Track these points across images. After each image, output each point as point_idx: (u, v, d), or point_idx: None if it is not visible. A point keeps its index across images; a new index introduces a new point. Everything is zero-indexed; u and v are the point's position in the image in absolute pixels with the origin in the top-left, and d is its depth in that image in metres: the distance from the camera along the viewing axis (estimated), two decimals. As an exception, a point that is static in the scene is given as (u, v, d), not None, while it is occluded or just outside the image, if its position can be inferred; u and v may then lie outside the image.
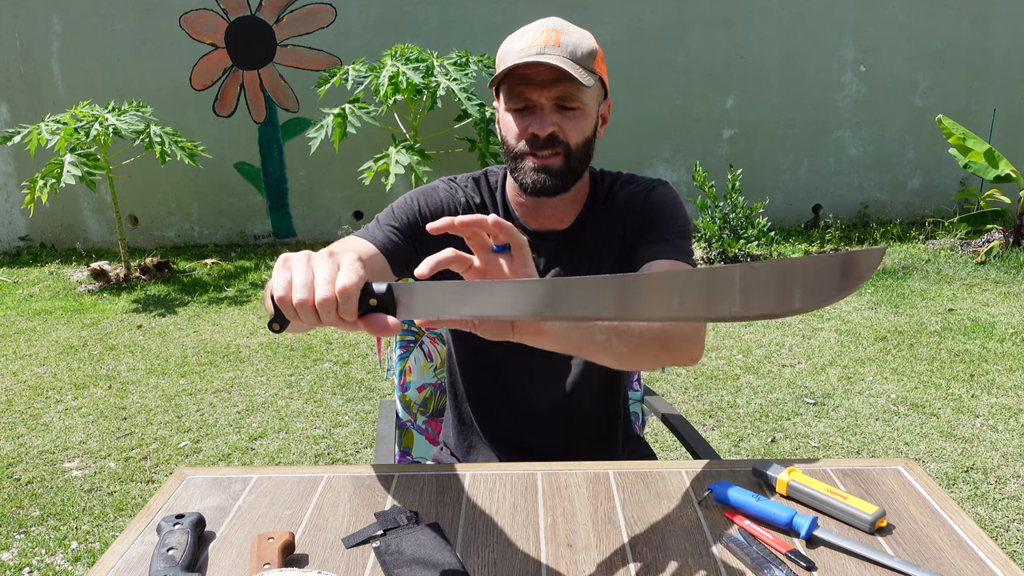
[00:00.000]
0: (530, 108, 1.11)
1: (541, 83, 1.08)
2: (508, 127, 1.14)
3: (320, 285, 0.72)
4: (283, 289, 0.73)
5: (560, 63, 1.05)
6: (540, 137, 1.10)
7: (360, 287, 0.73)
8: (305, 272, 0.74)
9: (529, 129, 1.11)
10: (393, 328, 0.73)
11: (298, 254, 0.76)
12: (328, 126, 4.55)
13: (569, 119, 1.11)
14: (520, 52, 1.08)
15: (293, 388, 3.24)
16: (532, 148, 1.11)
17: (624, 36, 5.28)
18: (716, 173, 5.37)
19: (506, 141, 1.15)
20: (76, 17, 5.33)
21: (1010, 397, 2.94)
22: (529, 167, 1.12)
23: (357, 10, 5.30)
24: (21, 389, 3.33)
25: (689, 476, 1.04)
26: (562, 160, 1.12)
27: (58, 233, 5.82)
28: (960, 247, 5.04)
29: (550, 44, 1.08)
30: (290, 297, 0.73)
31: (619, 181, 1.25)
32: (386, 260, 1.14)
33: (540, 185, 1.12)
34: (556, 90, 1.09)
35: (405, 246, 1.18)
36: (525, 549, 0.89)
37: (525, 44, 1.09)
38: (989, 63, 5.42)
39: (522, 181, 1.14)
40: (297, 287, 0.73)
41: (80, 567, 2.11)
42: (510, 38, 1.13)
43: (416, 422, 1.58)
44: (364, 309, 0.74)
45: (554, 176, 1.12)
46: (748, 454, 2.60)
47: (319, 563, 0.87)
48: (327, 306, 0.72)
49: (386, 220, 1.19)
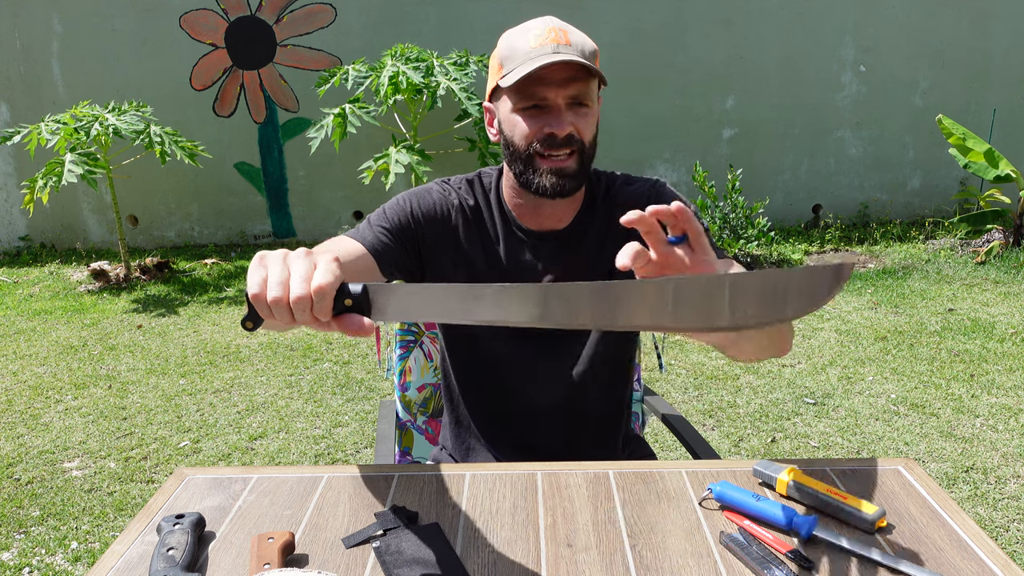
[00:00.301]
0: (541, 108, 1.10)
1: (557, 82, 1.07)
2: (516, 128, 1.12)
3: (295, 283, 0.71)
4: (257, 287, 0.73)
5: (580, 59, 1.05)
6: (559, 137, 1.09)
7: (335, 287, 0.72)
8: (281, 270, 0.73)
9: (544, 129, 1.09)
10: (367, 328, 0.73)
11: (275, 252, 0.76)
12: (328, 126, 4.55)
13: (582, 117, 1.11)
14: (531, 52, 1.07)
15: (293, 388, 3.24)
16: (547, 148, 1.10)
17: (623, 36, 5.28)
18: (716, 173, 5.37)
19: (514, 142, 1.13)
20: (76, 17, 5.33)
21: (1010, 397, 2.94)
22: (546, 169, 1.11)
23: (357, 10, 5.30)
24: (21, 389, 3.33)
25: (689, 476, 1.04)
26: (576, 160, 1.12)
27: (58, 233, 5.82)
28: (960, 247, 5.04)
29: (561, 43, 1.07)
30: (264, 295, 0.72)
31: (617, 182, 1.25)
32: (374, 261, 1.13)
33: (560, 187, 1.12)
34: (572, 89, 1.08)
35: (395, 247, 1.17)
36: (525, 549, 0.89)
37: (534, 43, 1.08)
38: (989, 63, 5.43)
39: (539, 184, 1.12)
40: (272, 285, 0.72)
41: (80, 567, 2.11)
42: (511, 37, 1.12)
43: (416, 422, 1.58)
44: (339, 309, 0.74)
45: (571, 178, 1.12)
46: (748, 454, 2.60)
47: (319, 563, 0.87)
48: (301, 304, 0.71)
49: (377, 221, 1.19)
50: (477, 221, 1.23)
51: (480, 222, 1.23)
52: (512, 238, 1.23)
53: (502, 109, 1.15)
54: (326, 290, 0.71)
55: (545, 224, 1.22)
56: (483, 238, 1.23)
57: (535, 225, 1.22)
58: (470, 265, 1.23)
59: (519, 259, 1.23)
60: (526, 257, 1.22)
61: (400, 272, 1.22)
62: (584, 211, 1.23)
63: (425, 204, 1.21)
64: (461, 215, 1.23)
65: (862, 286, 4.39)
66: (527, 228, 1.22)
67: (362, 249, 1.12)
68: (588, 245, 1.22)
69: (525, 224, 1.22)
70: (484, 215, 1.24)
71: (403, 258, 1.20)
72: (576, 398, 1.28)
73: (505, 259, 1.23)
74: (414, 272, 1.24)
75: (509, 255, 1.23)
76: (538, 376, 1.27)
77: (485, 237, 1.23)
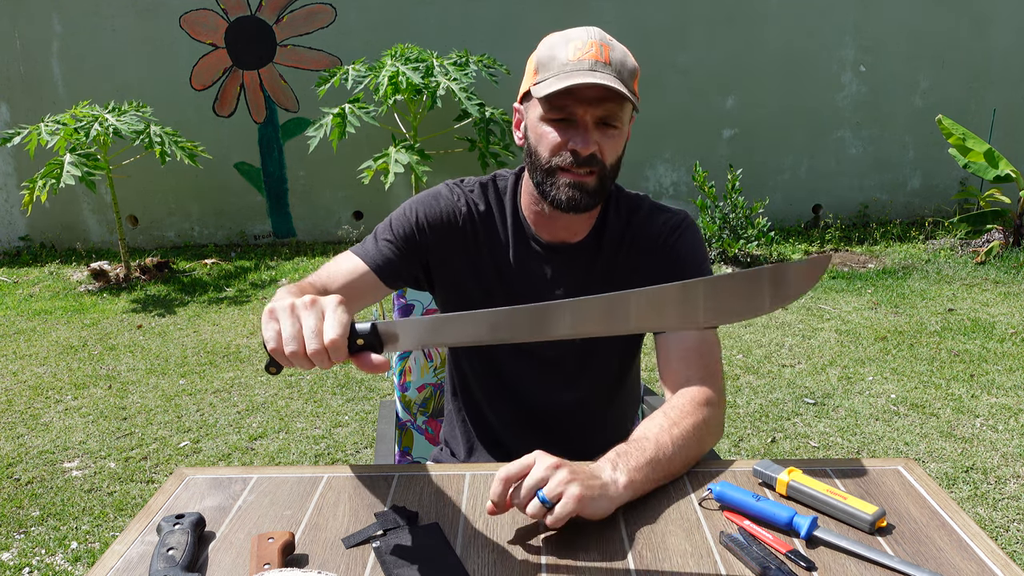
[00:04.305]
0: (569, 122, 1.08)
1: (588, 100, 1.06)
2: (543, 137, 1.10)
3: (309, 339, 0.78)
4: (274, 342, 0.80)
5: (613, 84, 1.04)
6: (581, 155, 1.07)
7: (346, 336, 0.79)
8: (292, 324, 0.79)
9: (569, 144, 1.08)
10: (383, 366, 0.80)
11: (281, 304, 0.81)
12: (327, 126, 4.55)
13: (608, 138, 1.09)
14: (568, 64, 1.05)
15: (293, 388, 3.24)
16: (570, 165, 1.09)
17: (624, 36, 5.22)
18: (716, 173, 5.37)
19: (538, 152, 1.11)
20: (76, 17, 5.33)
21: (1010, 397, 2.94)
22: (564, 183, 1.10)
23: (357, 10, 5.30)
24: (21, 389, 3.33)
25: (689, 476, 1.04)
26: (596, 179, 1.11)
27: (58, 233, 5.82)
28: (960, 247, 5.04)
29: (600, 60, 1.05)
30: (281, 348, 0.80)
31: (643, 207, 1.23)
32: (376, 277, 1.16)
33: (575, 202, 1.10)
34: (602, 109, 1.07)
35: (399, 260, 1.18)
36: (525, 549, 0.89)
37: (573, 56, 1.06)
38: (989, 63, 5.43)
39: (555, 196, 1.11)
40: (287, 339, 0.79)
41: (80, 567, 2.11)
42: (552, 44, 1.09)
43: (416, 422, 1.58)
44: (353, 349, 0.81)
45: (588, 195, 1.11)
46: (748, 454, 2.60)
47: (319, 563, 0.87)
48: (318, 356, 0.79)
49: (383, 234, 1.20)
50: (487, 227, 1.22)
51: (491, 228, 1.22)
52: (523, 246, 1.22)
53: (531, 115, 1.13)
54: (338, 343, 0.78)
55: (559, 235, 1.21)
56: (493, 245, 1.22)
57: (549, 236, 1.21)
58: (478, 273, 1.22)
59: (529, 269, 1.22)
60: (536, 267, 1.21)
61: (407, 283, 1.23)
62: (599, 227, 1.22)
63: (432, 213, 1.20)
64: (470, 222, 1.21)
65: (862, 286, 4.39)
66: (540, 238, 1.21)
67: (364, 267, 1.15)
68: (601, 262, 1.21)
69: (539, 234, 1.21)
70: (496, 221, 1.22)
71: (408, 269, 1.20)
72: (584, 406, 1.29)
73: (515, 268, 1.21)
74: (420, 281, 1.24)
75: (519, 264, 1.21)
76: (540, 380, 1.27)
77: (495, 244, 1.22)
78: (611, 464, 0.95)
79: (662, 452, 0.99)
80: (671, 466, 1.00)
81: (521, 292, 1.21)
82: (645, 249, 1.21)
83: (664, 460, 0.99)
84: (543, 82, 1.08)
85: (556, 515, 0.86)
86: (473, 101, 4.54)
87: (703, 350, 1.14)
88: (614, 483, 0.92)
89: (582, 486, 0.87)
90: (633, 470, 0.95)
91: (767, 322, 3.85)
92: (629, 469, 0.95)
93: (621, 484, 0.93)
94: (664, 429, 1.02)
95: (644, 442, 0.99)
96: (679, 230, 1.21)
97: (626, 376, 1.35)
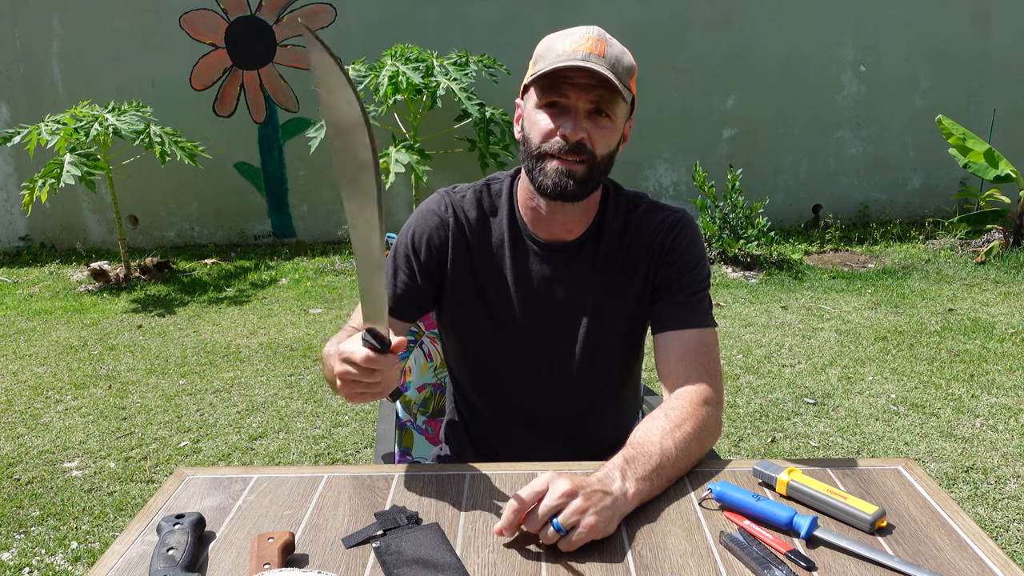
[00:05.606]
0: (562, 108, 1.10)
1: (580, 86, 1.08)
2: (536, 124, 1.12)
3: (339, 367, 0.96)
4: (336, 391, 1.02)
5: (604, 71, 1.06)
6: (569, 140, 1.08)
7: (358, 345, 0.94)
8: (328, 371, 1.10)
9: (560, 130, 1.09)
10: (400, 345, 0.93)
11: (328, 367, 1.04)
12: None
13: (600, 128, 1.10)
14: (564, 55, 1.08)
15: (293, 388, 3.24)
16: (559, 151, 1.10)
17: (623, 36, 5.20)
18: (716, 173, 5.37)
19: (530, 138, 1.13)
20: (76, 17, 5.33)
21: (1010, 397, 2.94)
22: (552, 168, 1.10)
23: (357, 10, 5.30)
24: (21, 389, 3.33)
25: (689, 476, 1.04)
26: (585, 169, 1.11)
27: (58, 233, 5.82)
28: (960, 247, 5.04)
29: (595, 53, 1.07)
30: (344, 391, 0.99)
31: (641, 205, 1.24)
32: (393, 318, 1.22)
33: (561, 189, 1.11)
34: (593, 95, 1.08)
35: (413, 288, 1.23)
36: (525, 549, 0.89)
37: (569, 48, 1.08)
38: (989, 63, 5.42)
39: (542, 182, 1.12)
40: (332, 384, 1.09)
41: (80, 567, 2.11)
42: (552, 38, 1.12)
43: (416, 422, 1.58)
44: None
45: (576, 182, 1.11)
46: (748, 454, 2.60)
47: (319, 563, 0.87)
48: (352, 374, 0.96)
49: (389, 275, 1.23)
50: (481, 234, 1.23)
51: (484, 234, 1.23)
52: (520, 247, 1.22)
53: (527, 104, 1.15)
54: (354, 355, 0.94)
55: (556, 234, 1.21)
56: (487, 250, 1.23)
57: (545, 234, 1.21)
58: (474, 277, 1.23)
59: (526, 269, 1.22)
60: (533, 267, 1.22)
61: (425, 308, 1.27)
62: (597, 225, 1.22)
63: (420, 232, 1.23)
64: (460, 233, 1.22)
65: (862, 286, 4.39)
66: (537, 237, 1.21)
67: None
68: (597, 261, 1.21)
69: (535, 232, 1.21)
70: (490, 225, 1.23)
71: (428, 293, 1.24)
72: (585, 410, 1.28)
73: (512, 269, 1.22)
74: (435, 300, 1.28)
75: (516, 265, 1.22)
76: (541, 383, 1.26)
77: (490, 249, 1.23)
78: (620, 473, 0.96)
79: (667, 458, 1.00)
80: (675, 470, 1.02)
81: (520, 293, 1.21)
82: (643, 247, 1.21)
83: (668, 466, 1.00)
84: (539, 71, 1.10)
85: (570, 542, 0.87)
86: (473, 101, 4.54)
87: (702, 350, 1.15)
88: (623, 495, 0.94)
89: (597, 515, 0.88)
90: (641, 479, 0.97)
91: (767, 322, 3.85)
92: (637, 479, 0.96)
93: (630, 495, 0.95)
94: (667, 433, 1.03)
95: (650, 447, 1.01)
96: (677, 228, 1.21)
97: (627, 379, 1.35)
